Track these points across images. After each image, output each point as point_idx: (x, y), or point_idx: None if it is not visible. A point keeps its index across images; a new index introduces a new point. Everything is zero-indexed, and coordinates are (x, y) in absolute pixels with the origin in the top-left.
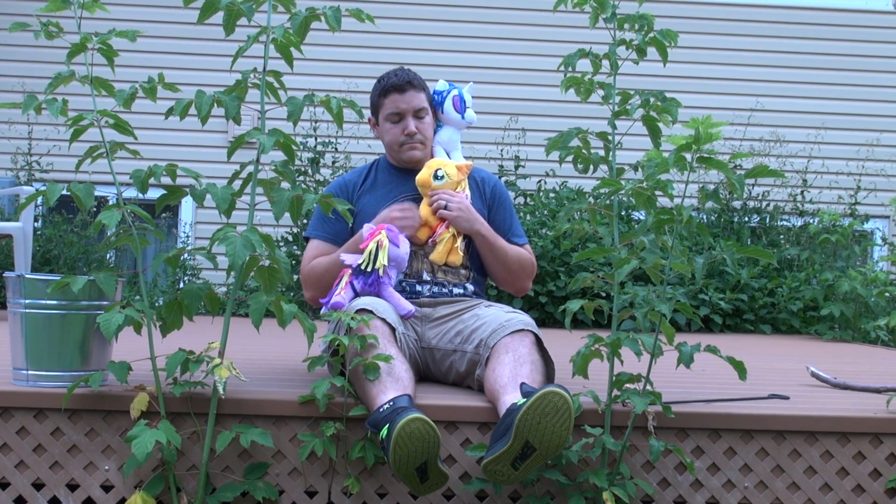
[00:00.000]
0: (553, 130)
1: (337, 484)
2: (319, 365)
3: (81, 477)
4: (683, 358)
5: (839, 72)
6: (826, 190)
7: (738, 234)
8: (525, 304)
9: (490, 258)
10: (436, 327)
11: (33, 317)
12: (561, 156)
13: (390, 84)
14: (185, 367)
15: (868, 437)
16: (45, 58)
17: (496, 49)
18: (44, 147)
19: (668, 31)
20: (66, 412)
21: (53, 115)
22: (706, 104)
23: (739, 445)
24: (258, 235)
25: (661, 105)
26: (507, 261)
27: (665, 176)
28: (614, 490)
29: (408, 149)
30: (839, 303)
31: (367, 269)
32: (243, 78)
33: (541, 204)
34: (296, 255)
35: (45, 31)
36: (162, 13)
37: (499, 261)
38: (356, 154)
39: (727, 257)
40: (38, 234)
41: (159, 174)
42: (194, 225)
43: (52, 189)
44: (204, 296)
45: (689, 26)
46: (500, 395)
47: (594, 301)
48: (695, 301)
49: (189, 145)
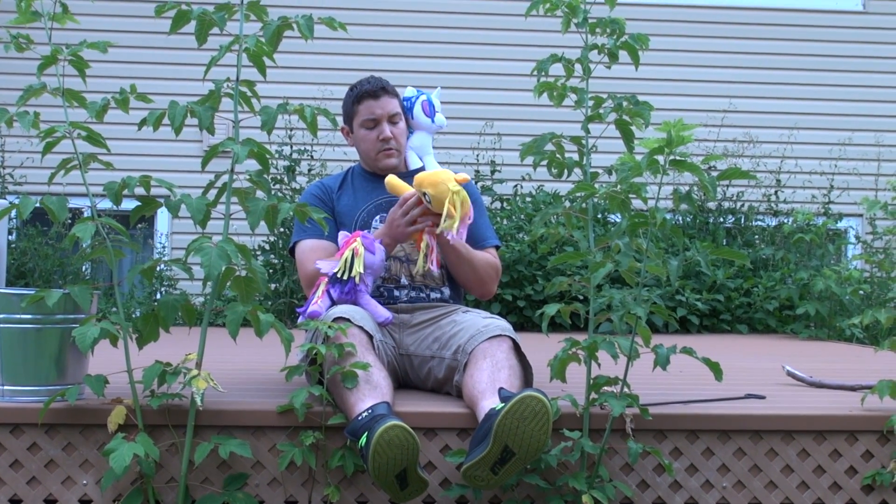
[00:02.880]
0: (528, 135)
1: (317, 493)
2: (297, 374)
3: (59, 492)
4: (660, 360)
5: (811, 72)
6: (800, 189)
7: (714, 235)
8: (502, 308)
9: (456, 262)
10: (413, 334)
11: (8, 331)
12: (535, 161)
13: (364, 91)
14: (163, 379)
15: (844, 435)
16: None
17: (471, 54)
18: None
19: (640, 34)
20: (43, 427)
21: (25, 128)
22: (679, 106)
23: (717, 446)
24: (234, 246)
25: (633, 109)
26: (473, 264)
27: (639, 179)
28: (594, 493)
29: (384, 156)
30: (814, 301)
31: (343, 278)
32: (216, 88)
33: (517, 208)
34: (273, 264)
35: (15, 44)
36: (134, 23)
37: (465, 264)
38: (332, 161)
39: (701, 259)
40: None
41: (133, 186)
42: (170, 235)
43: (25, 203)
44: (180, 307)
45: (660, 29)
46: (479, 401)
47: (571, 304)
48: (672, 302)
49: (163, 155)
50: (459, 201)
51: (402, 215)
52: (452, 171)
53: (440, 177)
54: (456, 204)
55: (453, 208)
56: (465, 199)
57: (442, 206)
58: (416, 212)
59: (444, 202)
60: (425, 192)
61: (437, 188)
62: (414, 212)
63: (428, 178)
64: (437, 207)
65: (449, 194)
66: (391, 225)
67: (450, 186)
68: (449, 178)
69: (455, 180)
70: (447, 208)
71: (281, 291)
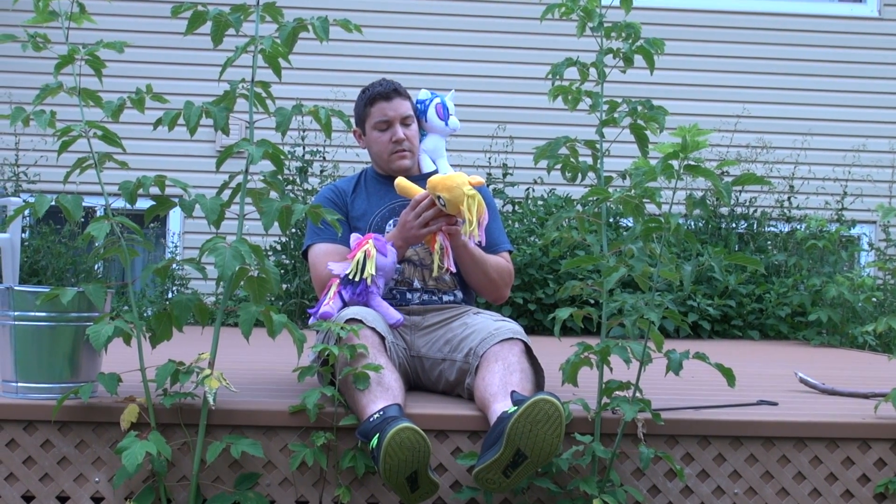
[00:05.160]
0: (541, 138)
1: (328, 494)
2: (309, 375)
3: (72, 489)
4: (672, 365)
5: (825, 78)
6: (813, 196)
7: (726, 241)
8: (514, 311)
9: (471, 266)
10: (425, 336)
11: (22, 329)
12: (549, 164)
13: (376, 93)
14: (175, 378)
15: (856, 443)
16: (33, 69)
17: (484, 57)
18: (31, 158)
19: (655, 39)
20: (56, 424)
21: (41, 127)
22: (693, 111)
23: (729, 452)
24: (247, 246)
25: (648, 113)
26: (487, 269)
27: (653, 184)
28: (604, 497)
29: (397, 158)
30: (826, 308)
31: (355, 279)
32: (232, 88)
33: (529, 212)
34: (284, 264)
35: (32, 43)
36: (150, 23)
37: (479, 269)
38: (344, 163)
39: (715, 265)
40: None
41: (148, 185)
42: (182, 235)
43: (41, 201)
44: (193, 306)
45: (675, 34)
46: (491, 404)
47: (583, 309)
48: (683, 307)
49: (177, 155)
50: (475, 205)
51: (414, 217)
52: (465, 174)
53: (455, 181)
54: (472, 208)
55: (469, 213)
56: (480, 202)
57: (456, 210)
58: (428, 214)
59: (460, 206)
60: (440, 196)
61: (452, 192)
62: (427, 214)
63: (442, 182)
64: (452, 210)
65: (464, 198)
66: (403, 227)
67: (465, 191)
68: (464, 182)
69: (469, 184)
70: (465, 213)
71: (292, 292)
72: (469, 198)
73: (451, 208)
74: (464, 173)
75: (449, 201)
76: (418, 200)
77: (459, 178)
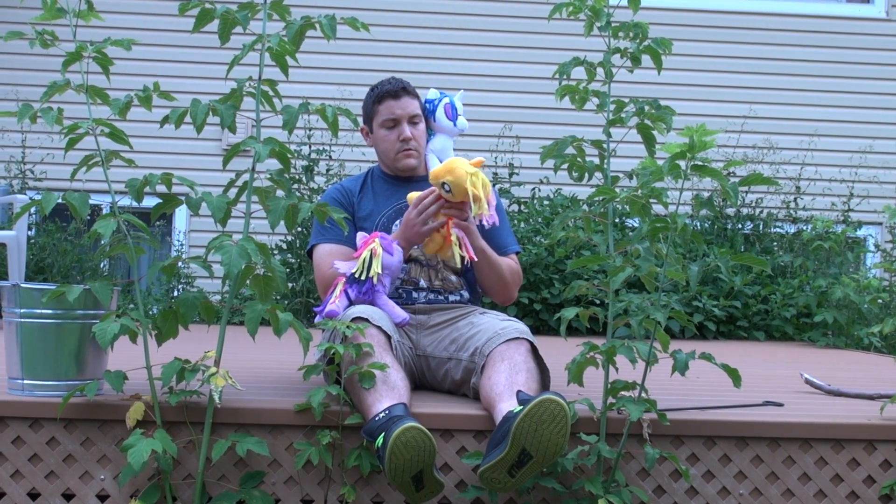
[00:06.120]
0: (548, 138)
1: (333, 492)
2: (315, 374)
3: (77, 486)
4: (678, 365)
5: (832, 79)
6: (819, 197)
7: (732, 241)
8: (519, 311)
9: (485, 267)
10: (431, 335)
11: (28, 326)
12: (556, 164)
13: (385, 91)
14: (181, 376)
15: (862, 444)
16: (40, 66)
17: (491, 56)
18: (37, 155)
19: (663, 39)
20: (62, 421)
21: (49, 124)
22: (700, 111)
23: (734, 452)
24: (254, 244)
25: (655, 113)
26: (499, 270)
27: (660, 184)
28: (610, 497)
29: (404, 156)
30: (832, 309)
31: (361, 278)
32: (239, 86)
33: (535, 211)
34: (289, 263)
35: (40, 40)
36: (157, 21)
37: (493, 269)
38: (350, 162)
39: (721, 265)
40: (31, 242)
41: (155, 183)
42: (188, 233)
43: (48, 198)
44: (199, 304)
45: (683, 34)
46: (497, 403)
47: (589, 309)
48: (689, 308)
49: (184, 153)
50: (479, 181)
51: (416, 215)
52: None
53: (454, 163)
54: (477, 185)
55: (475, 188)
56: (484, 180)
57: (463, 193)
58: (433, 208)
59: (464, 185)
60: (444, 183)
61: (454, 174)
62: (432, 208)
63: (443, 168)
64: (459, 195)
65: (468, 176)
66: (406, 226)
67: (467, 169)
68: (464, 163)
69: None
70: (471, 190)
71: (298, 291)
72: (472, 175)
73: (456, 191)
74: (463, 158)
75: (453, 183)
76: (421, 198)
77: (460, 161)
